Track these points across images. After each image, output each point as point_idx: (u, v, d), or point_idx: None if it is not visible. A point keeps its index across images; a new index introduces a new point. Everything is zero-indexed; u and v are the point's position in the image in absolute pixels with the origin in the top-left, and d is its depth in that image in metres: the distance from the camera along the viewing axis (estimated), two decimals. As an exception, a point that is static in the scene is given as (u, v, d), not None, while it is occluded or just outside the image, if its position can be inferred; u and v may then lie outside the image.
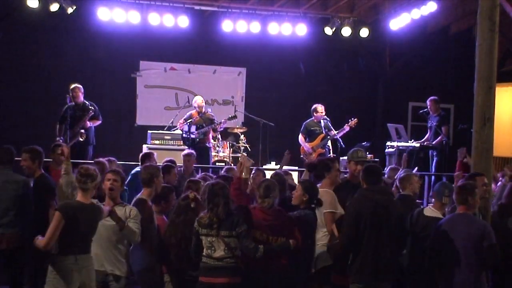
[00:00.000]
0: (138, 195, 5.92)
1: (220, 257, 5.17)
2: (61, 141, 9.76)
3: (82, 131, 10.31)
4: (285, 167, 8.44)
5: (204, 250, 5.23)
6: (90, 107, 10.42)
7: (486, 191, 6.19)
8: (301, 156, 11.20)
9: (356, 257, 5.35)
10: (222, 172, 7.80)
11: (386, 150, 11.77)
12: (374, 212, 5.31)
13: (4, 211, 6.21)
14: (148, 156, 8.04)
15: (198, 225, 5.25)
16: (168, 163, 7.41)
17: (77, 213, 4.96)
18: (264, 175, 7.15)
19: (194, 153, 8.73)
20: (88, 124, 10.46)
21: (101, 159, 7.35)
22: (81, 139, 10.22)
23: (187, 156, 8.56)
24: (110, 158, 7.64)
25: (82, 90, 10.46)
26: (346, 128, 11.03)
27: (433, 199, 6.01)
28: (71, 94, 10.30)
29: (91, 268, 5.11)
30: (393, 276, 5.45)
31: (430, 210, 5.78)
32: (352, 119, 11.14)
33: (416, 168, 8.93)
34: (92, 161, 7.45)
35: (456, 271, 5.32)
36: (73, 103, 10.29)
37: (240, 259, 5.24)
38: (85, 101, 10.48)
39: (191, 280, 5.38)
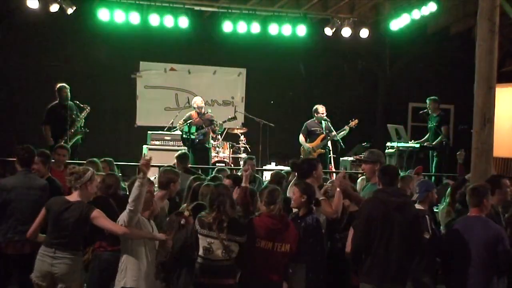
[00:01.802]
0: None
1: (217, 259, 5.15)
2: (62, 142, 9.79)
3: (86, 129, 10.36)
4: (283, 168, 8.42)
5: (201, 250, 5.19)
6: (82, 106, 10.38)
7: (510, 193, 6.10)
8: (301, 156, 11.19)
9: (367, 258, 5.29)
10: (214, 172, 7.77)
11: (386, 150, 11.76)
12: (386, 214, 5.22)
13: (26, 219, 5.82)
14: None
15: (198, 225, 5.24)
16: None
17: (56, 208, 5.15)
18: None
19: (183, 153, 8.45)
20: (83, 122, 10.45)
21: (95, 159, 7.33)
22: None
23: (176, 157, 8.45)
24: (106, 158, 7.62)
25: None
26: (346, 128, 11.04)
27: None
28: (59, 94, 10.18)
29: (68, 266, 5.10)
30: (405, 280, 5.35)
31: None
32: (353, 119, 11.14)
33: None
34: (85, 161, 7.42)
35: (468, 274, 5.24)
36: (58, 103, 10.20)
37: (236, 261, 5.23)
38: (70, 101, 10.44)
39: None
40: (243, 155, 11.87)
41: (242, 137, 11.98)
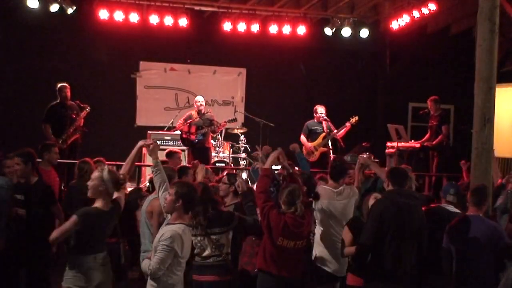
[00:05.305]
0: (153, 194, 5.96)
1: (207, 256, 5.18)
2: (61, 141, 9.78)
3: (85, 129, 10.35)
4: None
5: (195, 249, 5.24)
6: (83, 105, 10.38)
7: None
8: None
9: (376, 257, 5.29)
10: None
11: (386, 150, 11.76)
12: (398, 215, 5.24)
13: None
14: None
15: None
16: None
17: (94, 220, 4.94)
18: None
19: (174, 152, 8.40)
20: (82, 122, 10.44)
21: (87, 159, 7.32)
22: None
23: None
24: (99, 158, 7.60)
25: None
26: (348, 125, 10.98)
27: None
28: (59, 94, 10.16)
29: (108, 266, 5.05)
30: (411, 279, 5.36)
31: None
32: (353, 116, 11.10)
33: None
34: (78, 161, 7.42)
35: (472, 272, 5.27)
36: (59, 102, 10.18)
37: (228, 257, 5.25)
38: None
39: None
40: (243, 155, 11.88)
41: (242, 137, 11.98)
